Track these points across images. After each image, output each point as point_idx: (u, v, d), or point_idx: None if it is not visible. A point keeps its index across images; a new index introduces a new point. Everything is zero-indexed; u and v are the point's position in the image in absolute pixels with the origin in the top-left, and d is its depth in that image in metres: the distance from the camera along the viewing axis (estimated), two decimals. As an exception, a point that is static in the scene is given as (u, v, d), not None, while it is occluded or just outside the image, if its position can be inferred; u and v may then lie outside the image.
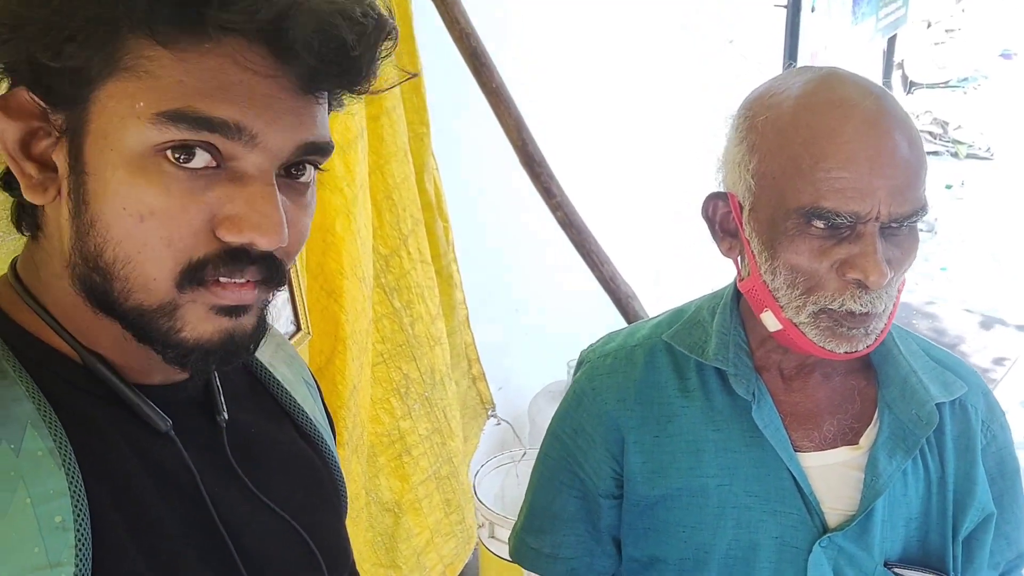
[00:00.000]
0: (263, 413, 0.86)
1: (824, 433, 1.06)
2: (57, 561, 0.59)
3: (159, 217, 0.62)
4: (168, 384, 0.74)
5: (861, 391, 1.08)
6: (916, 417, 1.03)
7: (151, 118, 0.60)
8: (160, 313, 0.64)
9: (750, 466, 1.04)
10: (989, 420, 1.10)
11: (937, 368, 1.09)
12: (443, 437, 2.11)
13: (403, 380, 1.97)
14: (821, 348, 0.97)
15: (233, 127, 0.61)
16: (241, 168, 0.63)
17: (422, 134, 1.99)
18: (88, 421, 0.66)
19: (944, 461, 1.06)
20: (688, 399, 1.08)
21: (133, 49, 0.60)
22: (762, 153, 0.95)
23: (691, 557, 1.07)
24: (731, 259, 1.07)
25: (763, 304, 1.00)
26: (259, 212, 0.63)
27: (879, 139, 0.89)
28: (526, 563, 1.23)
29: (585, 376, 1.16)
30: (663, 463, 1.08)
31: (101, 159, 0.61)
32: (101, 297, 0.65)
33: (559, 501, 1.17)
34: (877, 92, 0.93)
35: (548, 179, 2.30)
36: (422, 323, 2.00)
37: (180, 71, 0.60)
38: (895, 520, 1.04)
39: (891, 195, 0.89)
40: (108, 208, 0.62)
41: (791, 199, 0.92)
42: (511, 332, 3.10)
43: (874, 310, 0.94)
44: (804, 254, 0.93)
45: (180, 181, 0.62)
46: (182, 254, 0.63)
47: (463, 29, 2.08)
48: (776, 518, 1.03)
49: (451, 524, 2.19)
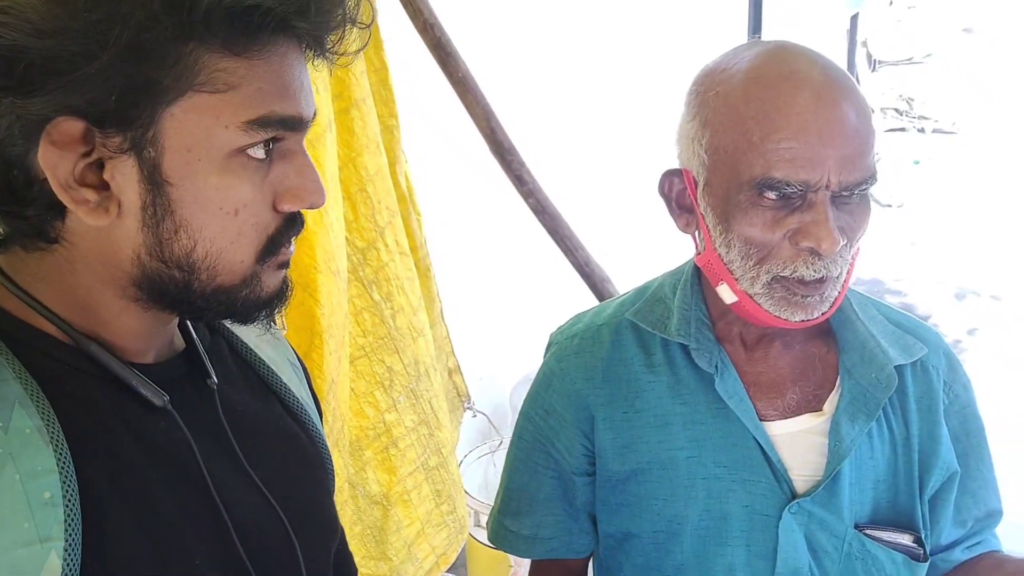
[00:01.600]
0: (250, 391, 0.88)
1: (788, 401, 1.07)
2: (47, 536, 0.61)
3: (250, 207, 0.69)
4: (161, 362, 0.77)
5: (822, 358, 1.10)
6: (876, 380, 1.05)
7: (241, 126, 0.66)
8: (243, 286, 0.72)
9: (717, 437, 1.06)
10: (951, 380, 1.12)
11: (897, 332, 1.11)
12: (430, 428, 2.11)
13: (386, 373, 1.97)
14: (777, 318, 0.98)
15: (298, 120, 0.70)
16: (286, 147, 0.71)
17: (392, 126, 1.99)
18: (80, 400, 0.68)
19: (908, 422, 1.08)
20: (654, 374, 1.10)
21: (207, 64, 0.64)
22: (714, 128, 0.97)
23: (664, 530, 1.09)
24: (688, 235, 1.08)
25: (719, 277, 1.02)
26: (310, 179, 0.72)
27: (828, 110, 0.91)
28: (506, 546, 1.24)
29: (554, 357, 1.18)
30: (632, 438, 1.09)
31: (188, 170, 0.66)
32: (174, 291, 0.70)
33: (535, 482, 1.19)
34: (825, 64, 0.95)
35: (519, 167, 2.31)
36: (403, 315, 2.00)
37: (256, 78, 0.66)
38: (863, 483, 1.06)
39: (840, 164, 0.91)
40: (201, 211, 0.67)
41: (743, 171, 0.94)
42: (490, 322, 3.11)
43: (829, 274, 0.95)
44: (757, 225, 0.95)
45: (258, 171, 0.69)
46: (263, 233, 0.71)
47: (427, 20, 2.08)
48: (745, 487, 1.05)
49: (442, 514, 2.19)
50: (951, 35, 10.51)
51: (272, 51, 0.66)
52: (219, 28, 0.63)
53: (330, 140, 1.71)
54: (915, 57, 9.86)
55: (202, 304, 0.71)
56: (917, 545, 1.07)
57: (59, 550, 0.61)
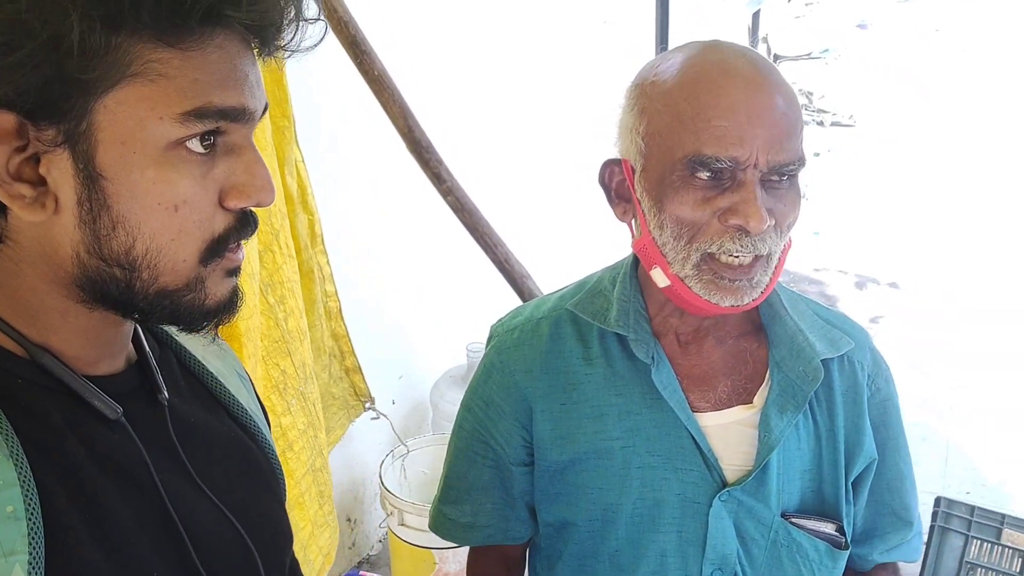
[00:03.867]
0: (199, 404, 0.87)
1: (719, 394, 1.11)
2: (11, 550, 0.60)
3: (191, 203, 0.66)
4: (113, 374, 0.75)
5: (753, 352, 1.13)
6: (803, 373, 1.08)
7: (176, 117, 0.64)
8: (187, 290, 0.69)
9: (651, 427, 1.09)
10: (874, 374, 1.17)
11: (826, 327, 1.15)
12: (315, 430, 2.12)
13: (281, 376, 1.96)
14: (707, 301, 1.01)
15: (241, 111, 0.67)
16: (231, 141, 0.69)
17: (283, 127, 1.97)
18: (34, 412, 0.67)
19: (833, 415, 1.12)
20: (591, 366, 1.12)
21: (139, 54, 0.62)
22: (650, 115, 1.00)
23: (600, 518, 1.11)
24: (626, 223, 1.11)
25: (652, 261, 1.04)
26: (259, 176, 0.70)
27: (757, 94, 0.95)
28: (445, 532, 1.26)
29: (494, 350, 1.20)
30: (570, 428, 1.12)
31: (123, 162, 0.63)
32: (115, 291, 0.68)
33: (474, 471, 1.21)
34: (755, 58, 0.99)
35: (437, 164, 2.31)
36: (293, 318, 2.00)
37: (192, 69, 0.64)
38: (791, 473, 1.09)
39: (769, 144, 0.94)
40: (139, 206, 0.65)
41: (676, 150, 0.97)
42: (409, 320, 3.10)
43: (758, 251, 0.98)
44: (688, 204, 0.98)
45: (199, 166, 0.66)
46: (207, 232, 0.68)
47: (341, 17, 2.06)
48: (678, 475, 1.08)
49: (324, 515, 2.20)
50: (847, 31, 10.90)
51: (209, 42, 0.65)
52: (149, 18, 0.61)
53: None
54: (814, 52, 10.19)
55: (145, 306, 0.69)
56: (839, 533, 1.11)
57: (23, 563, 0.60)
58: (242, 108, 0.67)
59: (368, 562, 3.12)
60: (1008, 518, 2.20)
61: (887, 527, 1.19)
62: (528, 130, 3.66)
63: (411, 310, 3.09)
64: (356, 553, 3.08)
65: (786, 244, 1.04)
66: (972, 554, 2.16)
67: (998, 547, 2.16)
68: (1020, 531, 2.17)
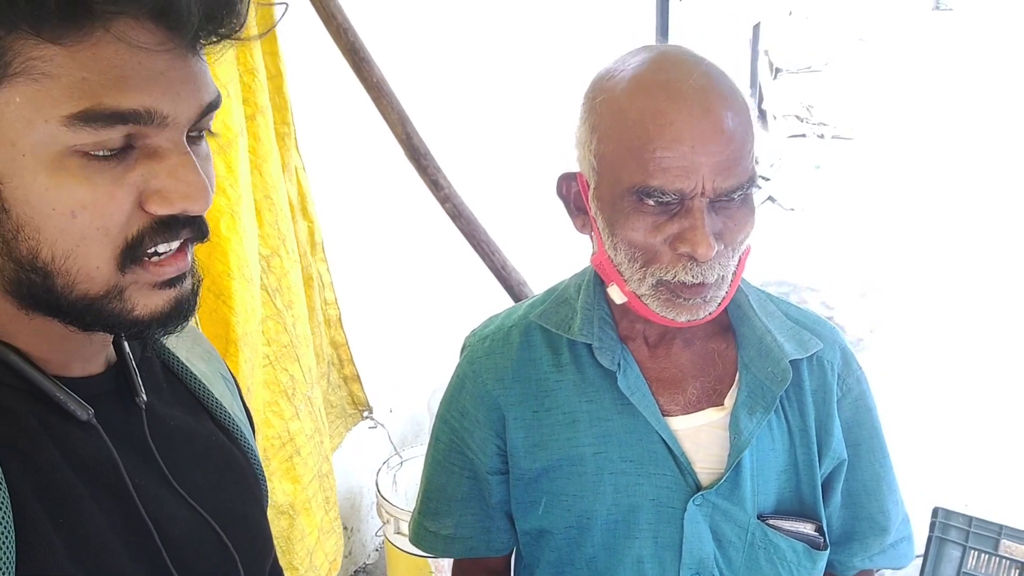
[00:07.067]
0: (181, 407, 0.86)
1: (689, 396, 1.10)
2: None
3: (91, 210, 0.62)
4: (87, 376, 0.74)
5: (722, 354, 1.13)
6: (772, 374, 1.08)
7: (62, 120, 0.59)
8: (108, 298, 0.65)
9: (623, 433, 1.09)
10: (845, 374, 1.16)
11: (794, 327, 1.15)
12: (321, 436, 2.12)
13: (289, 381, 1.96)
14: (663, 317, 1.02)
15: (145, 114, 0.61)
16: (155, 144, 0.64)
17: (284, 134, 1.98)
18: (5, 413, 0.66)
19: (804, 414, 1.11)
20: (562, 373, 1.12)
21: (20, 52, 0.58)
22: (600, 134, 1.00)
23: (575, 525, 1.11)
24: (585, 235, 1.11)
25: (609, 278, 1.05)
26: (184, 181, 0.64)
27: (703, 117, 0.94)
28: (426, 546, 1.25)
29: (466, 360, 1.20)
30: (543, 436, 1.12)
31: (14, 166, 0.60)
32: (42, 296, 0.65)
33: (452, 483, 1.20)
34: (705, 70, 0.97)
35: (435, 172, 2.31)
36: (301, 322, 2.00)
37: (79, 67, 0.59)
38: (766, 474, 1.09)
39: (714, 171, 0.94)
40: (35, 211, 0.61)
41: (625, 178, 0.97)
42: (408, 329, 3.10)
43: (706, 280, 0.99)
44: (639, 230, 0.98)
45: (102, 171, 0.61)
46: (119, 237, 0.64)
47: (340, 24, 2.06)
48: (651, 480, 1.08)
49: (330, 521, 2.20)
50: (847, 45, 10.93)
51: (100, 37, 0.59)
52: (24, 13, 0.57)
53: (243, 146, 1.68)
54: (814, 65, 10.21)
55: (74, 313, 0.66)
56: (818, 534, 1.11)
57: None
58: (148, 111, 0.61)
59: (364, 571, 3.11)
60: (1006, 529, 2.19)
61: (866, 532, 1.17)
62: (523, 137, 3.66)
63: (408, 317, 3.09)
64: (352, 562, 3.07)
65: (744, 251, 1.03)
66: (970, 565, 2.16)
67: (996, 558, 2.15)
68: (1018, 542, 2.16)
